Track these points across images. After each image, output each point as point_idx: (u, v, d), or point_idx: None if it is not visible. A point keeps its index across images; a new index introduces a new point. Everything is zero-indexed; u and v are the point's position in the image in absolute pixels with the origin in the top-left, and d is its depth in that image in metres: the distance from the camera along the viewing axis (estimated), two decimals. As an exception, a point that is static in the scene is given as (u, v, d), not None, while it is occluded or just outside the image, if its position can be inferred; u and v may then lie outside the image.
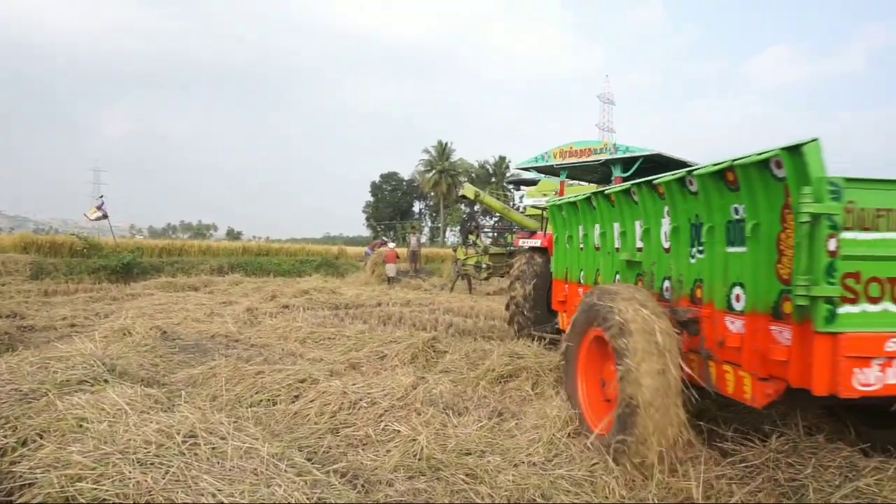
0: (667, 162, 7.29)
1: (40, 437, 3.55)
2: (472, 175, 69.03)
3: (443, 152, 70.97)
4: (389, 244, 23.38)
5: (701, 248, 3.66)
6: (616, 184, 6.14)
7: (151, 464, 3.03)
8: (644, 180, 4.34)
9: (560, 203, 6.32)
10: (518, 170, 12.18)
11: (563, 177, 8.96)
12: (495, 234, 20.91)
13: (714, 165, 3.42)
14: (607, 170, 7.77)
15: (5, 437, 3.60)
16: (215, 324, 9.75)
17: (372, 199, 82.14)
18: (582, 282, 5.81)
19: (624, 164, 7.96)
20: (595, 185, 9.52)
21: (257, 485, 2.95)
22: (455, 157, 71.30)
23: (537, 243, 7.96)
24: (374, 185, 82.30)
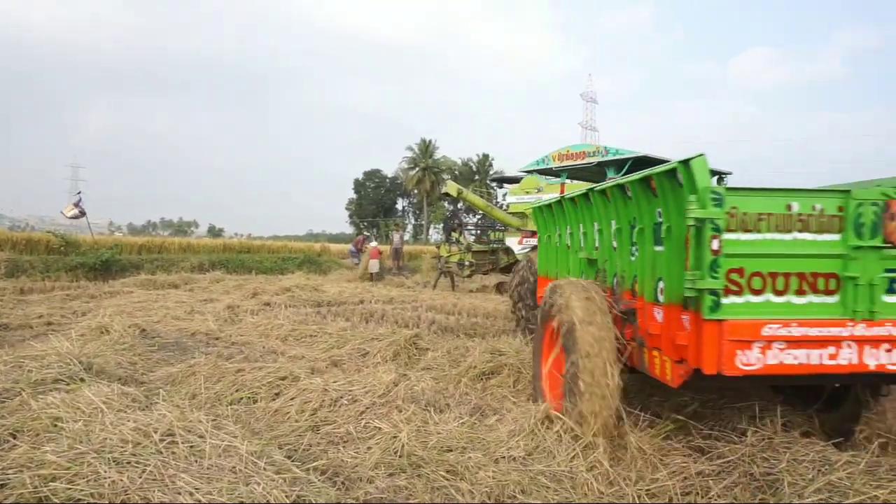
0: (654, 163, 7.55)
1: (13, 438, 3.49)
2: (456, 173, 69.03)
3: (426, 150, 70.89)
4: (372, 241, 23.32)
5: (636, 248, 4.05)
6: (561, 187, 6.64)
7: (128, 463, 2.99)
8: (597, 186, 4.75)
9: (541, 205, 6.62)
10: (524, 172, 12.34)
11: (564, 178, 9.24)
12: (478, 232, 20.95)
13: (640, 175, 3.85)
14: (602, 171, 8.00)
15: (-23, 436, 3.54)
16: (195, 321, 9.66)
17: (355, 196, 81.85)
18: (559, 279, 5.95)
19: (616, 166, 8.17)
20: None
21: (236, 483, 2.92)
22: (438, 155, 71.28)
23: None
24: (357, 182, 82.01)
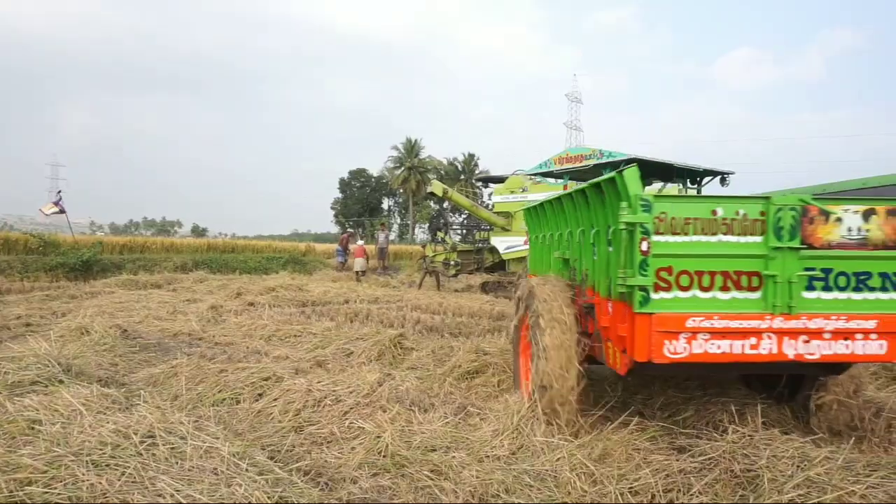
0: (645, 165, 7.73)
1: (-11, 440, 3.43)
2: (441, 172, 69.02)
3: (412, 149, 70.78)
4: (359, 240, 23.26)
5: (595, 248, 4.33)
6: None
7: (107, 465, 2.95)
8: (566, 192, 5.09)
9: (530, 207, 6.84)
10: (530, 174, 12.47)
11: (566, 180, 9.52)
12: (464, 231, 20.96)
13: (593, 182, 4.17)
14: (599, 173, 8.26)
15: (-48, 440, 3.47)
16: (178, 322, 9.55)
17: (340, 195, 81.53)
18: None
19: (612, 168, 8.36)
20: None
21: (217, 484, 2.90)
22: (424, 154, 71.17)
23: None
24: (342, 181, 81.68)
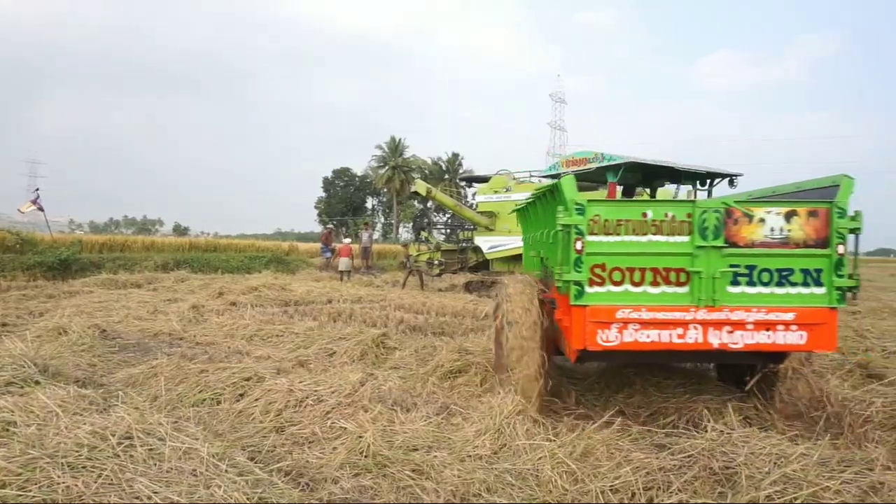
0: (641, 167, 7.88)
1: (-37, 443, 3.36)
2: (426, 172, 68.93)
3: (396, 148, 70.66)
4: (345, 240, 23.17)
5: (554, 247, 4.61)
6: (610, 188, 7.60)
7: (83, 467, 2.91)
8: (534, 195, 5.50)
9: (520, 209, 7.18)
10: (544, 175, 12.52)
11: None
12: (448, 231, 20.98)
13: (545, 187, 4.67)
14: (603, 175, 8.42)
15: (-76, 442, 3.40)
16: (159, 322, 9.45)
17: (324, 194, 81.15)
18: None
19: (613, 170, 8.49)
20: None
21: (196, 486, 2.87)
22: (408, 154, 71.11)
23: None
24: (326, 180, 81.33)
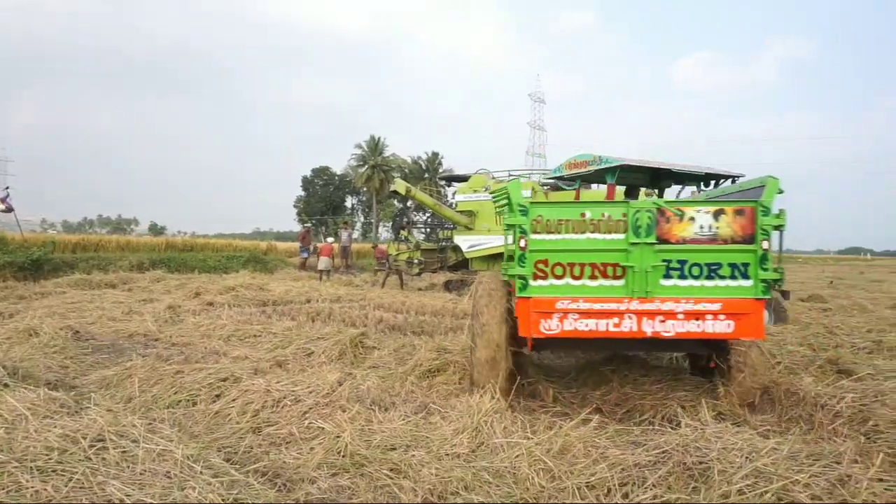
0: (635, 168, 8.12)
1: (-72, 448, 3.28)
2: (406, 171, 68.80)
3: (376, 147, 70.40)
4: (327, 239, 23.03)
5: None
6: (609, 189, 7.88)
7: (53, 471, 2.86)
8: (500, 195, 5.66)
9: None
10: (549, 178, 12.58)
11: (578, 184, 10.01)
12: (427, 230, 20.95)
13: (500, 190, 4.90)
14: (602, 177, 8.63)
15: None
16: (134, 322, 9.31)
17: (303, 193, 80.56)
18: None
19: (611, 172, 8.67)
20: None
21: (170, 488, 2.84)
22: (388, 153, 70.88)
23: None
24: (305, 179, 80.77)
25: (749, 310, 4.35)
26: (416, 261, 18.01)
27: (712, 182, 8.88)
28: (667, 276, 4.41)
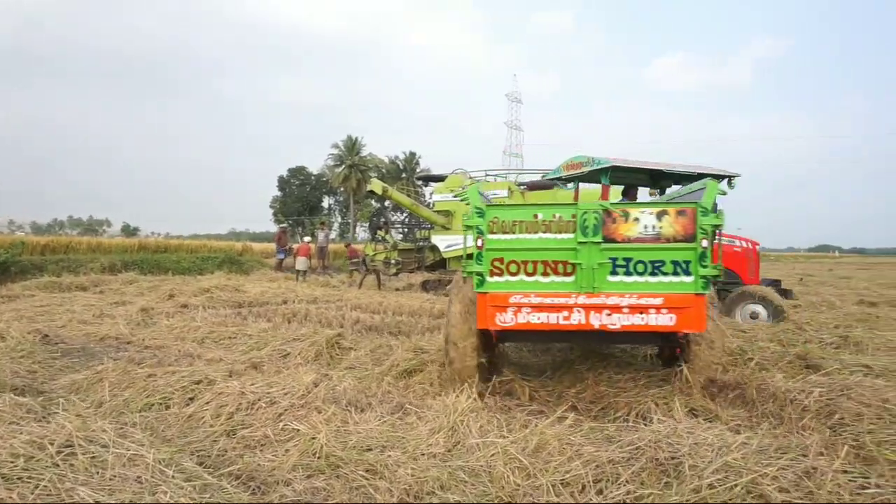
0: (624, 168, 8.28)
1: None
2: (383, 171, 68.63)
3: (353, 147, 70.10)
4: (304, 239, 22.87)
5: None
6: (603, 189, 7.92)
7: (18, 478, 2.80)
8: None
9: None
10: (551, 178, 12.54)
11: (576, 185, 10.19)
12: (405, 230, 20.92)
13: (462, 193, 5.09)
14: (596, 178, 8.77)
15: None
16: (105, 325, 9.14)
17: (279, 193, 79.87)
18: None
19: (603, 173, 8.81)
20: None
21: (140, 493, 2.80)
22: (365, 152, 70.62)
23: None
24: (281, 179, 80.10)
25: (690, 304, 4.58)
26: (393, 261, 17.98)
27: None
28: (613, 273, 4.66)
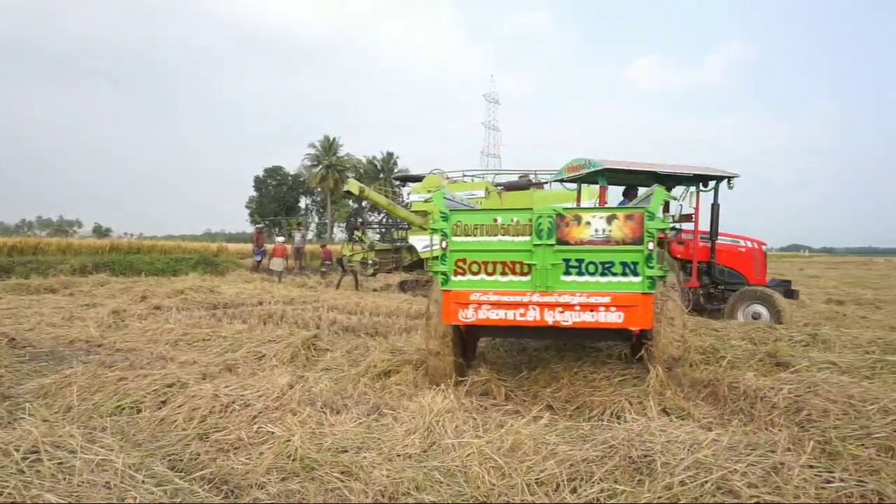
0: (618, 170, 8.39)
1: None
2: (360, 171, 68.36)
3: (330, 147, 69.71)
4: (278, 238, 22.68)
5: None
6: (601, 191, 8.29)
7: (-18, 485, 2.73)
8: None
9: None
10: (553, 180, 12.54)
11: (578, 186, 10.25)
12: (382, 230, 20.86)
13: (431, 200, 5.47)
14: (594, 179, 8.86)
15: None
16: (75, 328, 8.94)
17: (256, 194, 79.07)
18: None
19: (600, 175, 8.91)
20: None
21: (109, 498, 2.75)
22: (342, 153, 70.28)
23: None
24: (257, 179, 79.30)
25: (637, 302, 4.83)
26: (370, 261, 17.91)
27: (710, 183, 9.29)
28: (566, 273, 4.96)
